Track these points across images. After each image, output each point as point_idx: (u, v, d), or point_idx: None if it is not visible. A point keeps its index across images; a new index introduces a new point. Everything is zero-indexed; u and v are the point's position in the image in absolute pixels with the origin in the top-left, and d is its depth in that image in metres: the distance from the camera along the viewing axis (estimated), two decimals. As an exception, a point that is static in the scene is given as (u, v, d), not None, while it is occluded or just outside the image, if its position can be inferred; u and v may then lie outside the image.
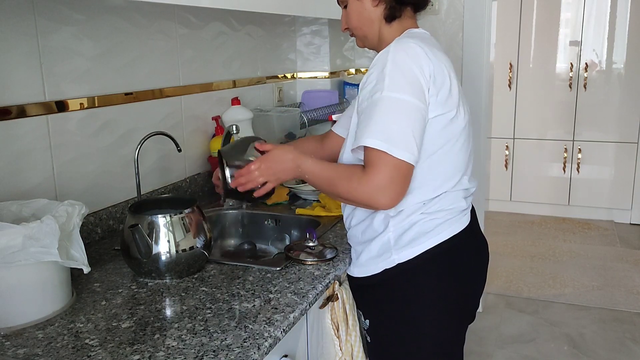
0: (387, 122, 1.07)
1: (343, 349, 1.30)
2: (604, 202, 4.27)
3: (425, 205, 1.19)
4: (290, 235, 1.68)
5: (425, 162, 1.16)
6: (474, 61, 2.63)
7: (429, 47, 1.15)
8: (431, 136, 1.15)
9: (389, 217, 1.20)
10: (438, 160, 1.17)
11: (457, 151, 1.20)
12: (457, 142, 1.19)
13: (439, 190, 1.19)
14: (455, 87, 1.17)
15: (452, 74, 1.18)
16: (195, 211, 1.27)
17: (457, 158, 1.21)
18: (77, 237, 1.08)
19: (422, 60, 1.11)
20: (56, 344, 0.97)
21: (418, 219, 1.19)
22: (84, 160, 1.48)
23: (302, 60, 2.63)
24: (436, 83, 1.12)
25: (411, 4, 1.27)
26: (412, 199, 1.18)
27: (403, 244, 1.19)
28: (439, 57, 1.16)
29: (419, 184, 1.17)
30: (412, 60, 1.10)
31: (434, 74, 1.12)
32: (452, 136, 1.18)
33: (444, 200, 1.20)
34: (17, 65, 1.28)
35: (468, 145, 1.24)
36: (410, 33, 1.23)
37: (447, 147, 1.18)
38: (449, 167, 1.20)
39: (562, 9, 4.14)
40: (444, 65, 1.15)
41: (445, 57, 1.20)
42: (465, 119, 1.20)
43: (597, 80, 4.15)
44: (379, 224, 1.21)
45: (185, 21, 1.83)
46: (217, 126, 2.00)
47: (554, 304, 3.01)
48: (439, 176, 1.19)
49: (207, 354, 0.92)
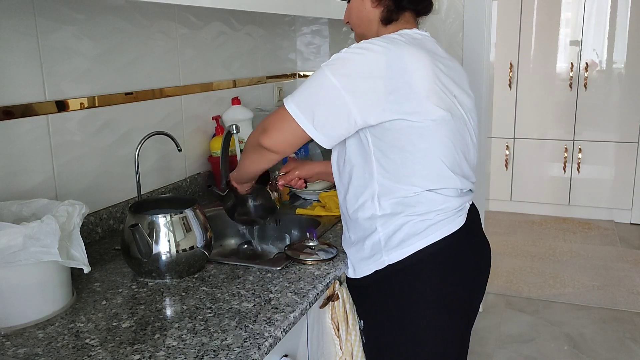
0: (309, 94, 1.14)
1: (343, 348, 1.30)
2: (604, 202, 4.27)
3: (409, 205, 1.17)
4: (290, 235, 1.68)
5: (397, 158, 1.14)
6: (474, 61, 2.63)
7: (402, 46, 1.13)
8: (397, 134, 1.13)
9: (376, 217, 1.19)
10: (411, 157, 1.15)
11: (434, 148, 1.15)
12: (432, 139, 1.14)
13: (416, 187, 1.16)
14: (427, 86, 1.12)
15: (426, 73, 1.13)
16: (195, 211, 1.27)
17: (437, 155, 1.16)
18: (77, 236, 1.08)
19: (373, 56, 1.11)
20: (56, 344, 0.97)
21: (407, 219, 1.17)
22: (84, 160, 1.48)
23: (302, 60, 2.63)
24: (392, 81, 1.09)
25: (411, 10, 1.27)
26: (390, 195, 1.17)
27: (393, 245, 1.19)
28: (414, 57, 1.12)
29: (395, 179, 1.16)
30: (367, 58, 1.11)
31: (387, 74, 1.09)
32: (423, 134, 1.13)
33: (432, 200, 1.17)
34: (17, 65, 1.28)
35: (455, 143, 1.19)
36: (400, 33, 1.21)
37: (420, 145, 1.14)
38: (427, 164, 1.16)
39: (562, 8, 4.14)
40: (414, 65, 1.12)
41: (427, 57, 1.15)
42: (443, 116, 1.14)
43: (598, 80, 4.14)
44: (367, 224, 1.21)
45: (185, 21, 1.83)
46: (217, 126, 2.00)
47: (554, 304, 3.01)
48: (416, 173, 1.16)
49: (208, 353, 0.92)
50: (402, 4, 1.25)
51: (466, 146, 1.24)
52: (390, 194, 1.18)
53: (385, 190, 1.18)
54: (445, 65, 1.20)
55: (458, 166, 1.21)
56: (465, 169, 1.24)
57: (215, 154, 1.94)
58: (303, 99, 1.14)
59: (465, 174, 1.24)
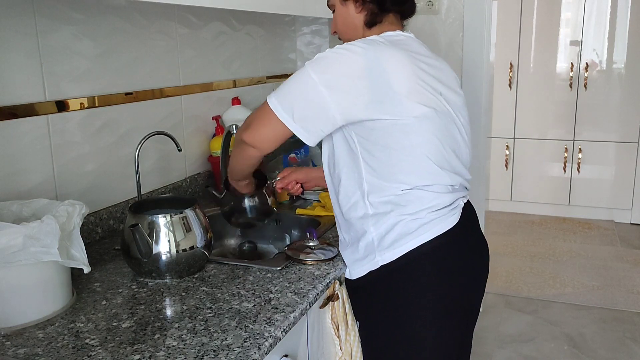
0: (291, 91, 1.16)
1: (343, 348, 1.30)
2: (604, 202, 4.27)
3: (399, 203, 1.17)
4: (290, 235, 1.68)
5: (382, 155, 1.16)
6: (474, 61, 2.63)
7: (381, 47, 1.14)
8: (381, 132, 1.14)
9: (368, 216, 1.20)
10: (396, 155, 1.15)
11: (419, 145, 1.16)
12: (417, 137, 1.15)
13: (405, 184, 1.17)
14: (407, 85, 1.13)
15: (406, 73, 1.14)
16: (195, 211, 1.27)
17: (423, 152, 1.16)
18: (77, 236, 1.08)
19: (352, 57, 1.12)
20: (56, 344, 0.97)
21: (399, 219, 1.18)
22: (84, 160, 1.48)
23: (303, 60, 2.63)
24: (372, 81, 1.11)
25: (395, 12, 1.28)
26: (380, 193, 1.18)
27: (386, 245, 1.19)
28: (394, 57, 1.14)
29: (383, 177, 1.17)
30: (347, 59, 1.13)
31: (366, 74, 1.11)
32: (406, 131, 1.14)
33: (422, 198, 1.17)
34: (17, 65, 1.28)
35: (442, 139, 1.18)
36: (382, 36, 1.23)
37: (405, 142, 1.14)
38: (413, 161, 1.16)
39: (562, 8, 4.14)
40: (394, 65, 1.13)
41: (406, 57, 1.16)
42: (426, 113, 1.15)
43: (598, 80, 4.14)
44: (359, 224, 1.22)
45: (185, 21, 1.83)
46: (217, 126, 2.00)
47: (554, 304, 3.01)
48: (403, 170, 1.16)
49: (208, 353, 0.92)
50: (385, 6, 1.27)
51: (455, 142, 1.24)
52: (379, 192, 1.19)
53: (373, 189, 1.19)
54: (428, 64, 1.21)
55: (446, 162, 1.21)
56: (456, 164, 1.24)
57: (215, 154, 1.94)
58: (285, 94, 1.16)
59: (456, 169, 1.24)
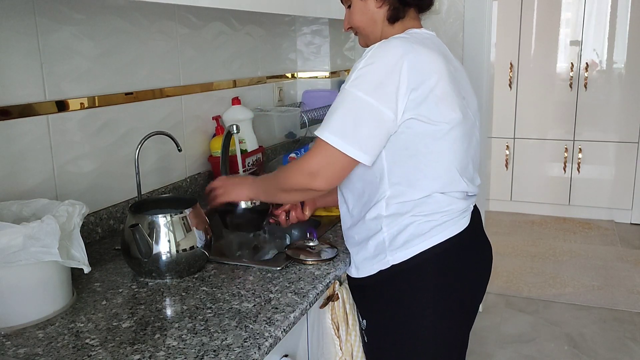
0: (344, 119, 1.10)
1: (343, 348, 1.30)
2: (604, 202, 4.27)
3: (416, 206, 1.17)
4: (290, 235, 1.68)
5: (409, 161, 1.15)
6: (474, 61, 2.63)
7: (418, 46, 1.12)
8: (411, 137, 1.13)
9: (382, 217, 1.19)
10: (424, 161, 1.15)
11: (446, 151, 1.16)
12: (445, 143, 1.15)
13: (427, 190, 1.16)
14: (443, 88, 1.12)
15: (443, 75, 1.13)
16: (195, 211, 1.27)
17: (449, 159, 1.17)
18: (77, 236, 1.08)
19: (397, 59, 1.09)
20: (57, 344, 0.97)
21: (412, 220, 1.17)
22: (84, 160, 1.48)
23: (303, 60, 2.63)
24: (412, 83, 1.09)
25: (415, 5, 1.26)
26: (400, 197, 1.17)
27: (397, 245, 1.19)
28: (431, 58, 1.12)
29: (406, 183, 1.16)
30: (386, 60, 1.09)
31: (409, 76, 1.09)
32: (437, 137, 1.14)
33: (439, 202, 1.18)
34: (17, 65, 1.28)
35: (465, 146, 1.20)
36: (409, 33, 1.21)
37: (434, 148, 1.14)
38: (438, 168, 1.16)
39: (562, 8, 4.14)
40: (432, 66, 1.12)
41: (441, 58, 1.15)
42: (456, 119, 1.15)
43: (598, 80, 4.14)
44: (372, 223, 1.21)
45: (185, 21, 1.83)
46: (217, 126, 2.00)
47: (554, 304, 3.01)
48: (427, 176, 1.16)
49: (208, 353, 0.92)
50: (406, 0, 1.24)
51: (473, 148, 1.25)
52: (399, 196, 1.17)
53: (395, 193, 1.17)
54: (454, 67, 1.21)
55: (466, 169, 1.22)
56: (472, 170, 1.25)
57: (216, 154, 1.94)
58: (341, 127, 1.10)
59: (472, 176, 1.25)
